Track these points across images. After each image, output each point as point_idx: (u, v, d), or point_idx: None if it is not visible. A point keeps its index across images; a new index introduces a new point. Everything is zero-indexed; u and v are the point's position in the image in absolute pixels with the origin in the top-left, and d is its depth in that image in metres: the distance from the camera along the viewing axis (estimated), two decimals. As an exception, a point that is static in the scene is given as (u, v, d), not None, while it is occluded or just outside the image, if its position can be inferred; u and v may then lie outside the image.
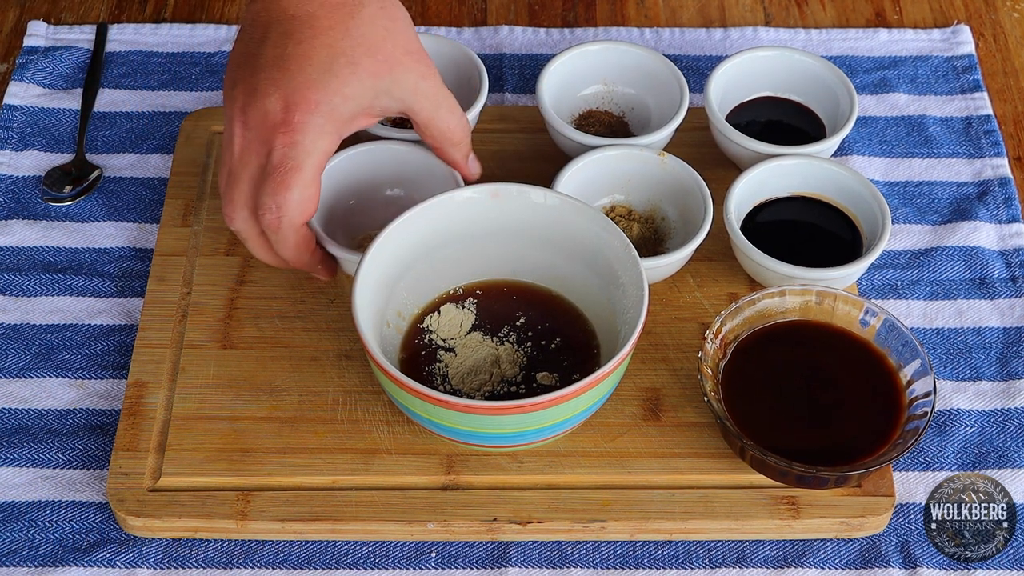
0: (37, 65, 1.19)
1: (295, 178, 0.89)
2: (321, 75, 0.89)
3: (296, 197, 0.89)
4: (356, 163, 1.02)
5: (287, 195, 0.89)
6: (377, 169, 1.02)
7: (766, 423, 0.92)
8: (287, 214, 0.89)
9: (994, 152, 1.14)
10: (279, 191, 0.89)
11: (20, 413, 0.98)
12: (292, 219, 0.90)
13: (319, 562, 0.92)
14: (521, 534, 0.92)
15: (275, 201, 0.89)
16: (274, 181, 0.89)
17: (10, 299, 1.04)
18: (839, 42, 1.23)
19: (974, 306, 1.05)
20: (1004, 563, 0.92)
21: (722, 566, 0.92)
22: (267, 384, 0.97)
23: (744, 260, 1.02)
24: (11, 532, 0.93)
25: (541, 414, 0.87)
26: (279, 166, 0.89)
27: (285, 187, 0.89)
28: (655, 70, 1.10)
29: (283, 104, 0.89)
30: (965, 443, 0.97)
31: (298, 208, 0.90)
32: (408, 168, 1.02)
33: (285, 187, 0.89)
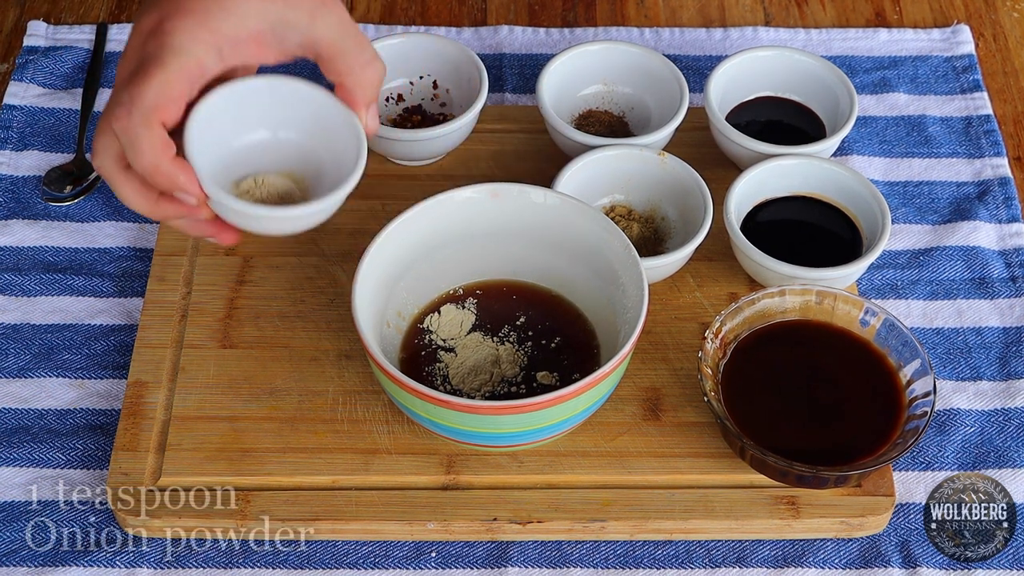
0: (37, 65, 1.19)
1: (154, 70, 0.80)
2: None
3: (152, 88, 0.79)
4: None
5: (141, 86, 0.79)
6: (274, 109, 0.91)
7: (766, 423, 0.92)
8: (139, 105, 0.79)
9: (994, 152, 1.14)
10: (134, 84, 0.80)
11: (20, 413, 0.98)
12: (145, 112, 0.79)
13: (319, 562, 0.92)
14: (521, 534, 0.92)
15: (128, 94, 0.80)
16: (132, 77, 0.80)
17: (10, 299, 1.04)
18: (839, 42, 1.23)
19: (974, 306, 1.05)
20: (1004, 563, 0.92)
21: (722, 566, 0.92)
22: (267, 384, 0.97)
23: (744, 260, 1.02)
24: (11, 532, 0.93)
25: (541, 414, 0.87)
26: (141, 64, 0.81)
27: (142, 79, 0.80)
28: (655, 70, 1.10)
29: (158, 17, 0.82)
30: (965, 443, 0.97)
31: (153, 99, 0.79)
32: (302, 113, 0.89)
33: (142, 79, 0.80)
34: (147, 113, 0.79)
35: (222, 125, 0.85)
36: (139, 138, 0.80)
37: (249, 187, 0.88)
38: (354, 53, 0.85)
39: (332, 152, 0.87)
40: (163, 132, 0.80)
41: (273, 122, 0.88)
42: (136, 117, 0.79)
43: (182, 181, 0.81)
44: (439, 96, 1.12)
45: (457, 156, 1.11)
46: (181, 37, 0.81)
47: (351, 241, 1.04)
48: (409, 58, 1.11)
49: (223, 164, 0.86)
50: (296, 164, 0.88)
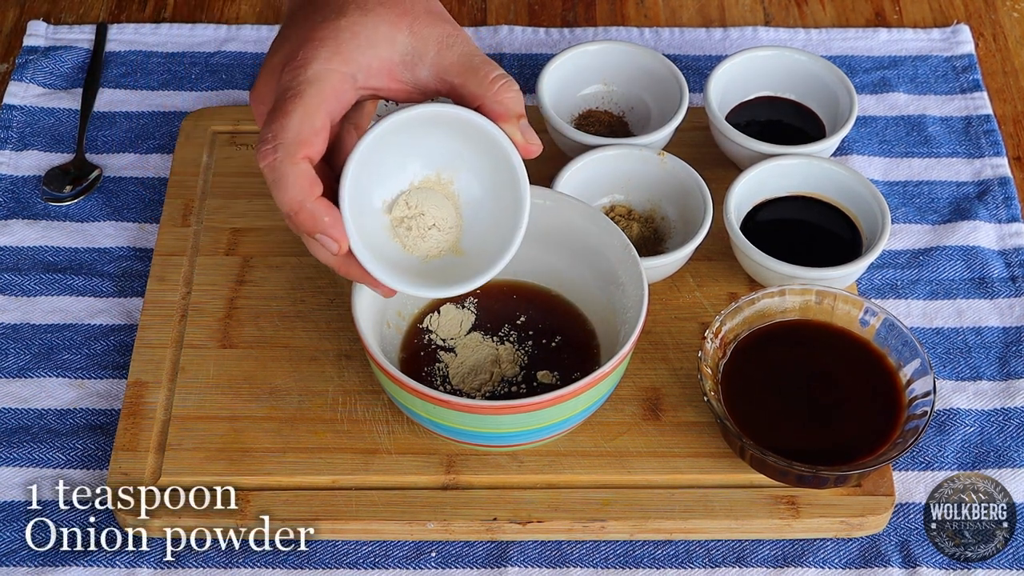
0: (37, 65, 1.19)
1: (293, 104, 0.79)
2: (328, 17, 0.82)
3: (294, 123, 0.79)
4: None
5: (283, 121, 0.79)
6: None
7: (766, 423, 0.92)
8: (283, 141, 0.79)
9: (994, 152, 1.14)
10: (275, 119, 0.79)
11: (20, 413, 0.98)
12: (289, 148, 0.79)
13: (319, 562, 0.92)
14: (521, 534, 0.92)
15: (271, 130, 0.79)
16: (273, 113, 0.80)
17: (10, 299, 1.04)
18: (839, 42, 1.23)
19: (974, 306, 1.05)
20: (1004, 563, 0.92)
21: (722, 566, 0.92)
22: (267, 384, 0.97)
23: (744, 260, 1.02)
24: (11, 532, 0.93)
25: (541, 414, 0.87)
26: (279, 98, 0.80)
27: (283, 113, 0.79)
28: (655, 70, 1.10)
29: (290, 49, 0.81)
30: (965, 443, 0.97)
31: (296, 135, 0.79)
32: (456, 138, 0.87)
33: (283, 113, 0.79)
34: (291, 149, 0.79)
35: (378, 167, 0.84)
36: (284, 176, 0.79)
37: (403, 215, 0.86)
38: (484, 70, 0.83)
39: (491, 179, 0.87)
40: (309, 168, 0.80)
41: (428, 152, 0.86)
42: (281, 153, 0.79)
43: (326, 223, 0.80)
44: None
45: (457, 156, 1.11)
46: (316, 67, 0.80)
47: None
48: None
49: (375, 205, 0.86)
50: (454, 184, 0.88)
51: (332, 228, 0.81)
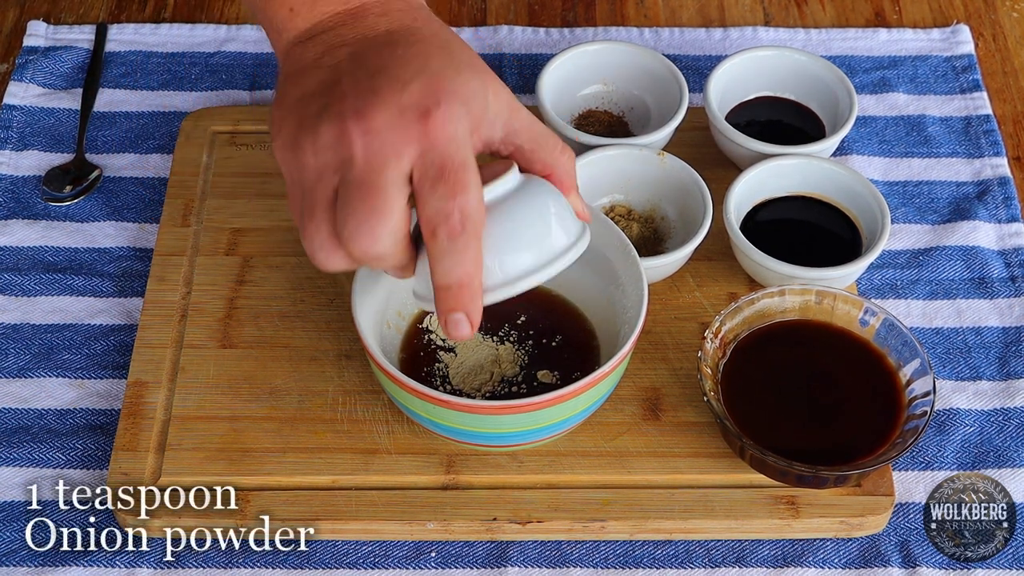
0: (37, 65, 1.19)
1: (469, 176, 0.75)
2: (448, 68, 0.77)
3: (477, 197, 0.75)
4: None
5: (468, 195, 0.74)
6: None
7: (766, 423, 0.92)
8: (472, 216, 0.75)
9: (993, 152, 1.14)
10: (459, 191, 0.74)
11: (20, 413, 0.98)
12: (476, 224, 0.75)
13: (319, 562, 0.92)
14: (521, 534, 0.92)
15: (456, 204, 0.74)
16: (447, 182, 0.74)
17: (10, 299, 1.04)
18: (838, 42, 1.23)
19: (973, 306, 1.05)
20: (1004, 563, 0.92)
21: (722, 566, 0.92)
22: (267, 384, 0.97)
23: (744, 260, 1.02)
24: (11, 532, 0.93)
25: (541, 414, 0.87)
26: (444, 162, 0.74)
27: (464, 186, 0.74)
28: (655, 70, 1.11)
29: (421, 95, 0.75)
30: (965, 443, 0.97)
31: (480, 211, 0.75)
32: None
33: (464, 186, 0.74)
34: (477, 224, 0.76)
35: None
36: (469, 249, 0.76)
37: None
38: (552, 142, 0.82)
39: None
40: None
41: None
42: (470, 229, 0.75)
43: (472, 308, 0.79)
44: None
45: (457, 156, 1.10)
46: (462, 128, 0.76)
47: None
48: None
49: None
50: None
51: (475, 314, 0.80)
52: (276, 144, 0.78)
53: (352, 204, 0.75)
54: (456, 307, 0.78)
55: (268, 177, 1.09)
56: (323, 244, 0.77)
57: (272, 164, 1.09)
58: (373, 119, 0.74)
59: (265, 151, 1.11)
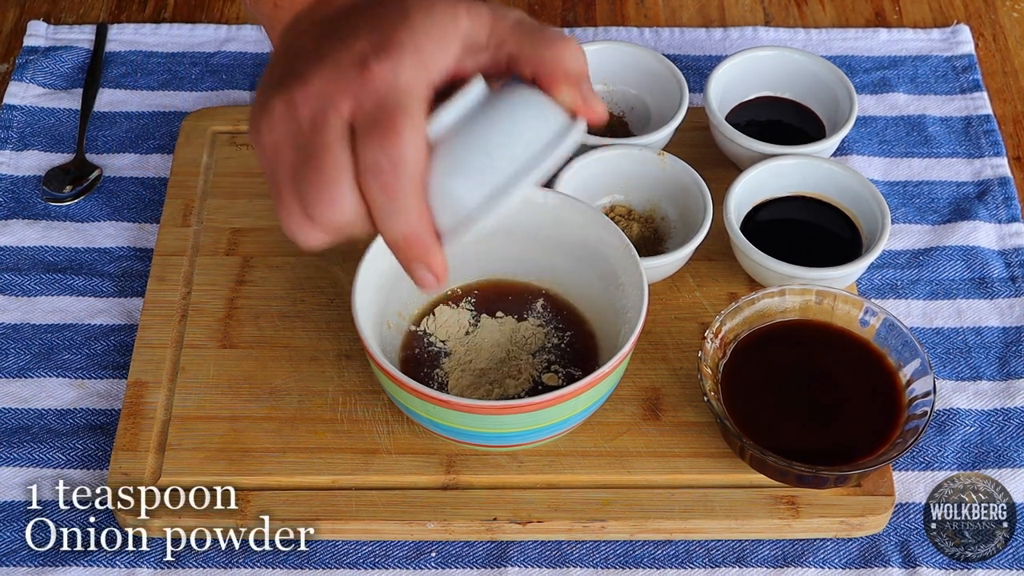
0: (37, 65, 1.19)
1: (402, 121, 0.71)
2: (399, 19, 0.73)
3: (409, 142, 0.71)
4: None
5: (398, 141, 0.71)
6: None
7: (766, 423, 0.92)
8: (403, 163, 0.71)
9: (993, 152, 1.14)
10: (388, 139, 0.71)
11: (20, 413, 0.98)
12: (411, 172, 0.71)
13: (319, 562, 0.92)
14: (521, 534, 0.92)
15: (385, 154, 0.71)
16: (378, 130, 0.71)
17: (10, 299, 1.04)
18: (839, 42, 1.23)
19: (974, 306, 1.05)
20: (1004, 563, 0.92)
21: (722, 566, 0.92)
22: (267, 384, 0.97)
23: (744, 260, 1.02)
24: (11, 532, 0.93)
25: (541, 414, 0.87)
26: (378, 111, 0.71)
27: (395, 133, 0.71)
28: (655, 70, 1.10)
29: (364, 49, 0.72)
30: (965, 443, 0.97)
31: (414, 156, 0.71)
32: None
33: (395, 133, 0.71)
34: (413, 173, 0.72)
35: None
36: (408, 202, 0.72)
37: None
38: (540, 36, 0.76)
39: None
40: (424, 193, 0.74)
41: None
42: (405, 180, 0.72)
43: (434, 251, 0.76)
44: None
45: (457, 156, 1.10)
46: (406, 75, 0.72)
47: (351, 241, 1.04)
48: None
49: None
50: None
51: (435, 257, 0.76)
52: (249, 136, 0.77)
53: (307, 175, 0.73)
54: (412, 259, 0.75)
55: (268, 177, 1.09)
56: (297, 223, 0.75)
57: (272, 164, 1.09)
58: (313, 83, 0.72)
59: (265, 151, 1.11)
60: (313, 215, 0.74)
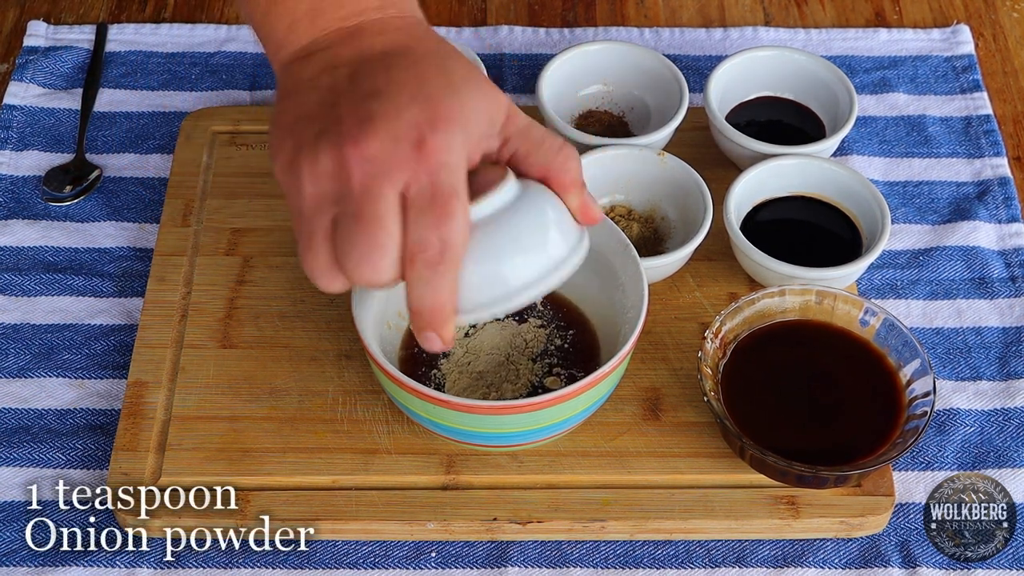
0: (37, 65, 1.19)
1: (455, 204, 0.74)
2: (447, 88, 0.76)
3: (461, 226, 0.74)
4: None
5: (452, 224, 0.74)
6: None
7: (766, 423, 0.92)
8: (452, 246, 0.74)
9: (994, 152, 1.14)
10: (442, 221, 0.74)
11: (20, 413, 0.98)
12: (456, 253, 0.75)
13: (319, 562, 0.92)
14: (521, 534, 0.92)
15: (438, 234, 0.74)
16: (434, 211, 0.74)
17: (10, 299, 1.04)
18: (839, 42, 1.23)
19: (974, 306, 1.05)
20: (1004, 563, 0.92)
21: (722, 566, 0.92)
22: (267, 384, 0.97)
23: (744, 260, 1.02)
24: (11, 532, 0.93)
25: (541, 414, 0.87)
26: (434, 190, 0.74)
27: (449, 215, 0.74)
28: (655, 70, 1.10)
29: (417, 122, 0.74)
30: (965, 443, 0.97)
31: (463, 240, 0.75)
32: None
33: (449, 215, 0.74)
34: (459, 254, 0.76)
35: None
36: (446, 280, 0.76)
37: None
38: (549, 143, 0.81)
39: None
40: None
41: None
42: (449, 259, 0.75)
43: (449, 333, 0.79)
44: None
45: (457, 156, 1.10)
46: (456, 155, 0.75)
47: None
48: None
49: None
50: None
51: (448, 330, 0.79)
52: (276, 167, 0.78)
53: (353, 238, 0.75)
54: (427, 328, 0.78)
55: (268, 177, 1.08)
56: (324, 271, 0.77)
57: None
58: (368, 146, 0.74)
59: (265, 151, 1.11)
60: (348, 271, 0.76)
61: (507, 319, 0.98)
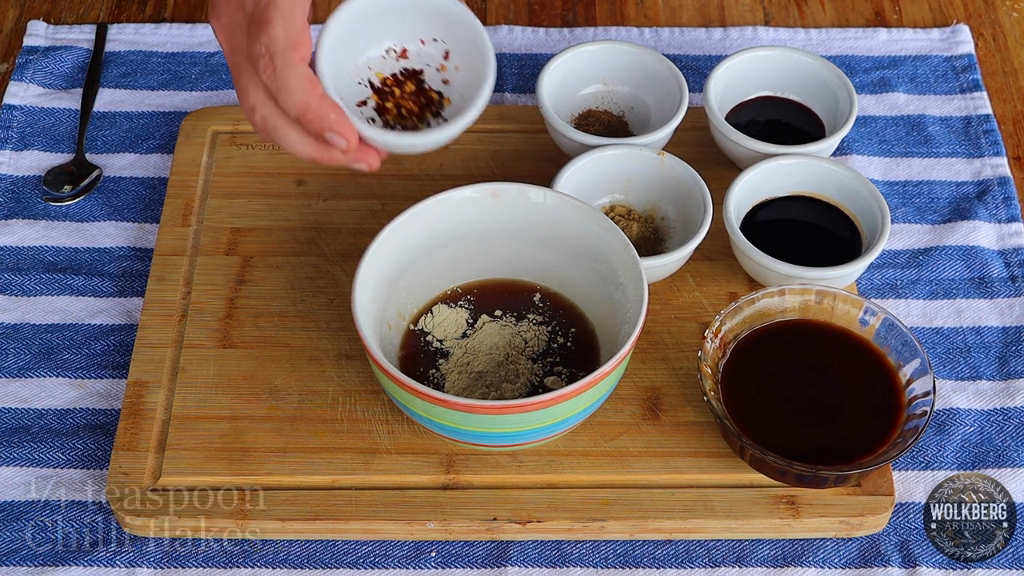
0: (37, 65, 1.19)
1: (270, 12, 0.81)
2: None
3: (279, 30, 0.81)
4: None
5: (269, 31, 0.81)
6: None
7: (765, 422, 0.92)
8: (277, 49, 0.81)
9: (993, 152, 1.14)
10: (261, 31, 0.81)
11: (20, 413, 0.98)
12: (284, 54, 0.81)
13: (319, 562, 0.92)
14: (521, 534, 0.92)
15: (261, 43, 0.82)
16: (255, 27, 0.82)
17: (10, 299, 1.04)
18: (838, 42, 1.23)
19: (973, 305, 1.05)
20: (1004, 563, 0.92)
21: (722, 565, 0.92)
22: (267, 384, 0.97)
23: (744, 260, 1.02)
24: (11, 532, 0.93)
25: (541, 413, 0.87)
26: (255, 10, 0.82)
27: (265, 23, 0.81)
28: (655, 70, 1.11)
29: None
30: (964, 442, 0.97)
31: (285, 39, 0.81)
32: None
33: (265, 23, 0.81)
34: (287, 54, 0.81)
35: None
36: (287, 81, 0.81)
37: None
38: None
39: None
40: (307, 69, 0.82)
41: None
42: (279, 61, 0.81)
43: (333, 120, 0.83)
44: (446, 69, 0.97)
45: (457, 156, 1.11)
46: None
47: (351, 241, 1.04)
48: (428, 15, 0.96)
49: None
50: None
51: (339, 124, 0.83)
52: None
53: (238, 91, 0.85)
54: (315, 130, 0.83)
55: (268, 177, 1.09)
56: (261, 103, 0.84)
57: (272, 164, 1.09)
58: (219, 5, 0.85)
59: (265, 151, 1.11)
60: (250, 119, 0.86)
61: (507, 319, 0.98)
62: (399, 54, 0.91)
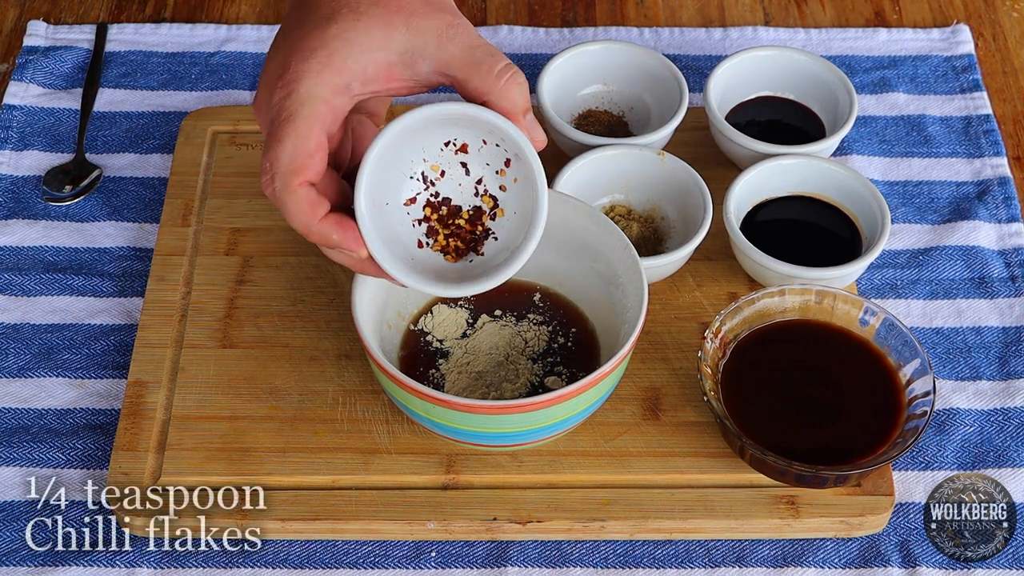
0: (37, 65, 1.19)
1: (286, 129, 0.79)
2: (319, 24, 0.80)
3: (287, 150, 0.79)
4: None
5: (278, 149, 0.79)
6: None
7: (765, 422, 0.92)
8: (278, 171, 0.79)
9: (993, 152, 1.14)
10: (271, 147, 0.79)
11: (20, 413, 0.98)
12: (284, 177, 0.79)
13: (319, 562, 0.92)
14: (521, 534, 0.92)
15: (267, 159, 0.80)
16: (269, 138, 0.80)
17: (10, 299, 1.04)
18: (838, 42, 1.23)
19: (973, 305, 1.05)
20: (1004, 563, 0.92)
21: (722, 565, 0.92)
22: (267, 384, 0.97)
23: (744, 260, 1.02)
24: (11, 532, 0.93)
25: (541, 413, 0.87)
26: (274, 121, 0.80)
27: (276, 140, 0.79)
28: (654, 70, 1.11)
29: (283, 60, 0.80)
30: (964, 442, 0.97)
31: (289, 163, 0.79)
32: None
33: (276, 140, 0.79)
34: (286, 178, 0.79)
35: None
36: (285, 204, 0.80)
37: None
38: (488, 64, 0.81)
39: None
40: (308, 192, 0.80)
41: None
42: (278, 183, 0.80)
43: (335, 239, 0.81)
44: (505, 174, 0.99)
45: (457, 156, 1.11)
46: (307, 83, 0.79)
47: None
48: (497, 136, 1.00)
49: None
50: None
51: (345, 241, 0.82)
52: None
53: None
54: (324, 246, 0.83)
55: (268, 177, 1.09)
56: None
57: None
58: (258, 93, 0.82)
59: (265, 151, 1.11)
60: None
61: (507, 319, 0.98)
62: (459, 148, 0.85)
